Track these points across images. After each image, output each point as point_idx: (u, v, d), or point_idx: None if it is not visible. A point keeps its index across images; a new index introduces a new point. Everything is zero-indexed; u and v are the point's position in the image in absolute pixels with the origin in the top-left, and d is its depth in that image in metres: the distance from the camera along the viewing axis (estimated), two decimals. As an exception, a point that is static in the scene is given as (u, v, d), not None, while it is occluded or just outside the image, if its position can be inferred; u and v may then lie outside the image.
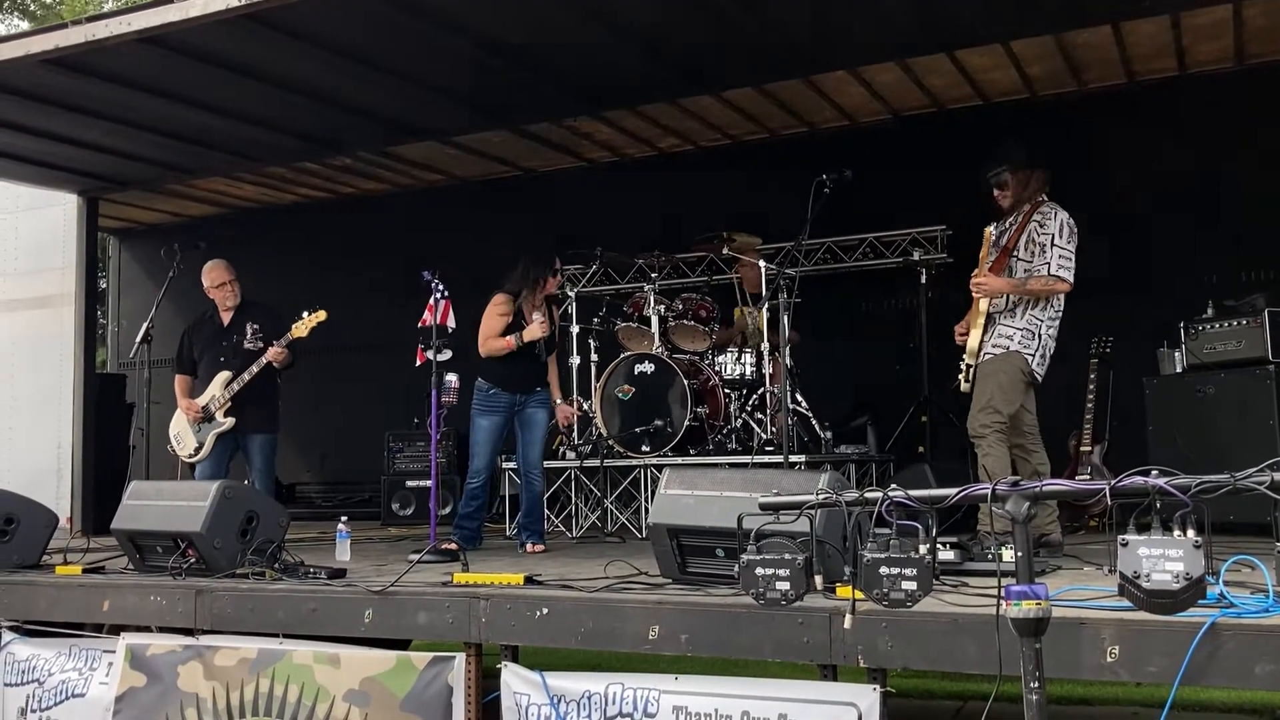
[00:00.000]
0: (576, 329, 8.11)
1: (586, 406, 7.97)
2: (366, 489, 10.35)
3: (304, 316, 6.86)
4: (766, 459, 6.92)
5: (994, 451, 5.20)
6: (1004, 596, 2.48)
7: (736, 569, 3.09)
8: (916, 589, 2.71)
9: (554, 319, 6.83)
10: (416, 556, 5.40)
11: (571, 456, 7.84)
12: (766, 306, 7.25)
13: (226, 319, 7.19)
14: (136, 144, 8.57)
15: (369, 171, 10.23)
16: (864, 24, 6.72)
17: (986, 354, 5.38)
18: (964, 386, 5.44)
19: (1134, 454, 6.51)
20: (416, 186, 10.69)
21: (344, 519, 6.17)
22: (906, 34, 6.89)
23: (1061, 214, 5.34)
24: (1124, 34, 7.33)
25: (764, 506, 3.09)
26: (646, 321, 7.85)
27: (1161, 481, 2.41)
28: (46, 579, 5.51)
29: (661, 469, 5.70)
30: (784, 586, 2.97)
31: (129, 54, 6.56)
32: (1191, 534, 2.41)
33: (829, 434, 7.64)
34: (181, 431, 7.10)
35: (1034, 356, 5.32)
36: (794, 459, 6.74)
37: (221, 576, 5.03)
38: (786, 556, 3.00)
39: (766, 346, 7.43)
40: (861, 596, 2.81)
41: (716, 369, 7.69)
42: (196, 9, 5.86)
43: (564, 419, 7.00)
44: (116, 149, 8.71)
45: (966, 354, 5.47)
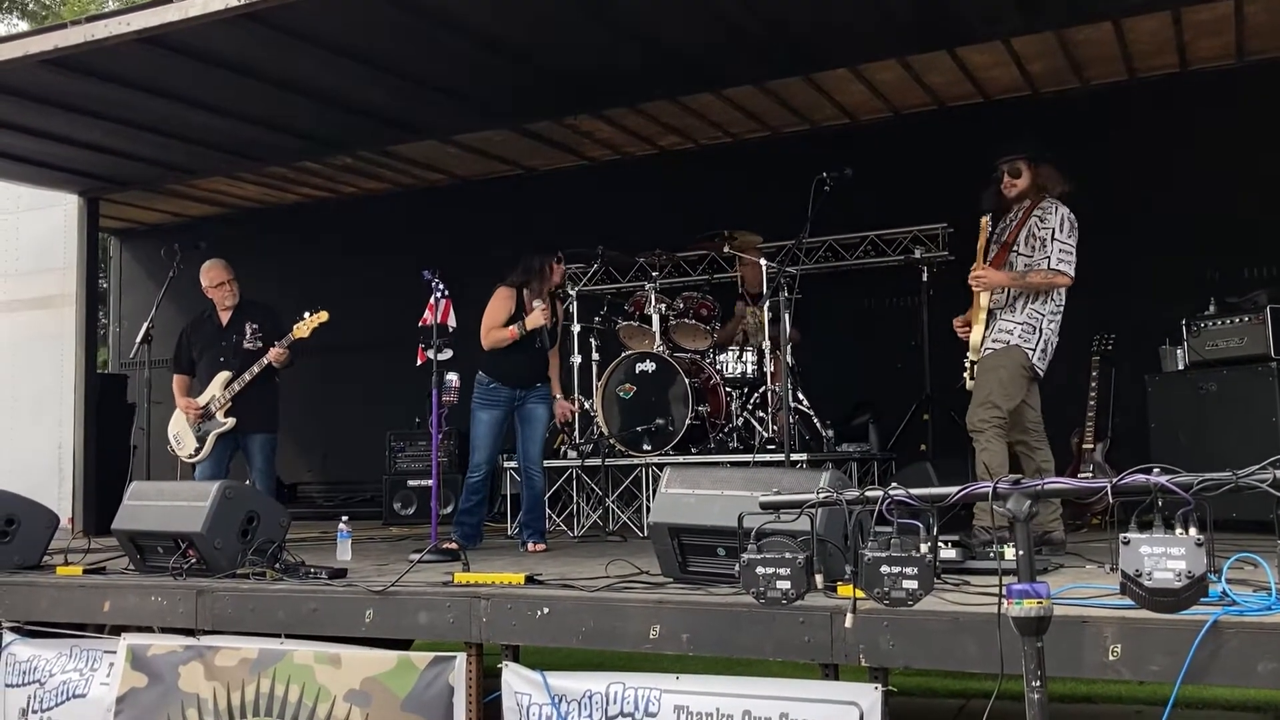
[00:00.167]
0: (578, 328, 8.10)
1: (588, 405, 7.96)
2: (368, 488, 10.35)
3: (305, 317, 6.85)
4: (768, 457, 6.91)
5: (991, 447, 5.17)
6: (1005, 595, 2.48)
7: (737, 568, 3.09)
8: (918, 588, 2.70)
9: (557, 313, 6.82)
10: (417, 556, 5.40)
11: (573, 455, 7.83)
12: (768, 305, 7.24)
13: (225, 319, 7.18)
14: (137, 144, 8.56)
15: (370, 171, 10.23)
16: (865, 21, 6.71)
17: (987, 349, 5.36)
18: (969, 385, 5.43)
19: (1136, 451, 6.51)
20: (417, 186, 10.69)
21: (345, 519, 6.17)
22: (907, 31, 6.88)
23: (1063, 209, 5.33)
24: (1125, 30, 7.33)
25: (764, 505, 3.08)
26: (648, 320, 7.83)
27: (1163, 479, 2.41)
28: (47, 580, 5.50)
29: (663, 468, 5.69)
30: (785, 586, 2.97)
31: (129, 54, 6.56)
32: (1193, 532, 2.41)
33: (830, 432, 7.64)
34: (181, 432, 7.09)
35: (1035, 351, 5.29)
36: (795, 457, 6.74)
37: (222, 577, 5.03)
38: (787, 555, 3.00)
39: (768, 345, 7.42)
40: (863, 595, 2.81)
41: (718, 367, 7.67)
42: (196, 9, 5.86)
43: (562, 415, 6.99)
44: (117, 149, 8.70)
45: (969, 350, 5.45)
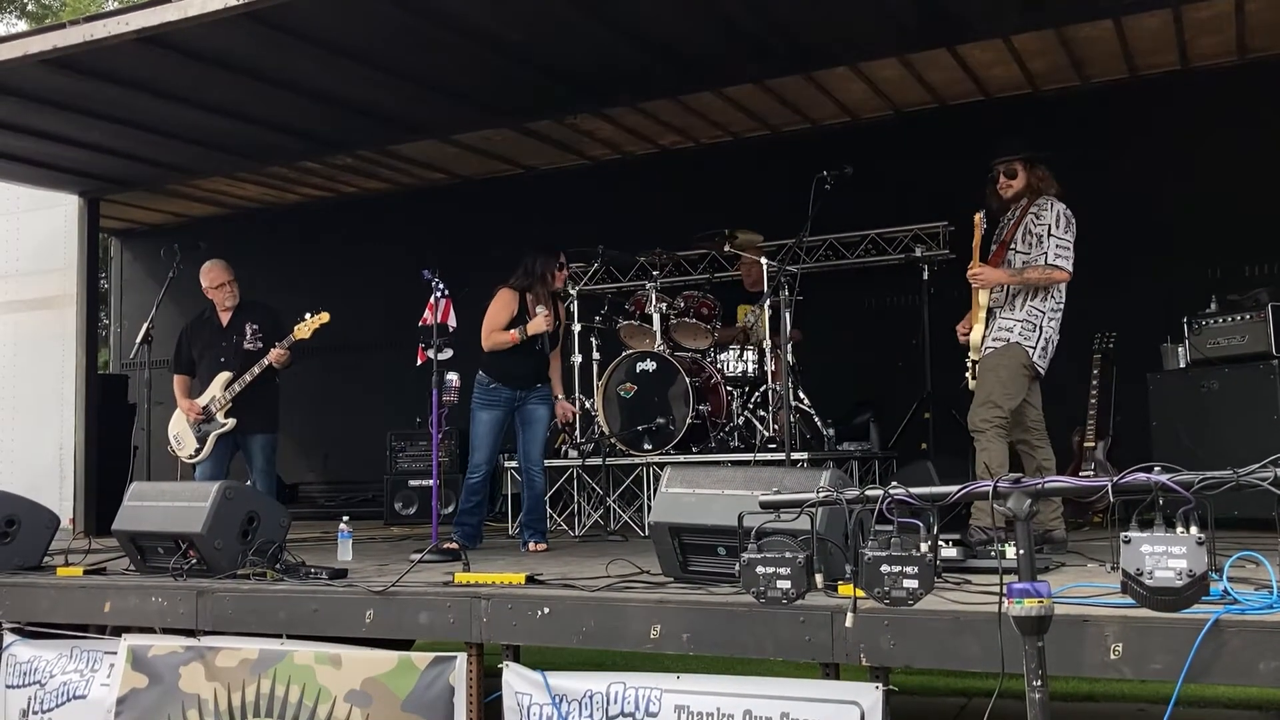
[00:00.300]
0: (578, 327, 8.09)
1: (589, 405, 7.95)
2: (369, 488, 10.34)
3: (306, 318, 6.84)
4: (769, 456, 6.90)
5: (992, 447, 5.15)
6: (1006, 594, 2.47)
7: (738, 568, 3.08)
8: (918, 587, 2.69)
9: (559, 314, 6.82)
10: (418, 556, 5.39)
11: (574, 455, 7.82)
12: (769, 304, 7.23)
13: (225, 319, 7.17)
14: (137, 144, 8.56)
15: (370, 170, 10.23)
16: (865, 19, 6.70)
17: (987, 348, 5.34)
18: (971, 385, 5.41)
19: (1138, 449, 6.50)
20: (418, 185, 10.69)
21: (345, 519, 6.16)
22: (908, 29, 6.87)
23: (1058, 205, 5.30)
24: (1126, 28, 7.33)
25: (765, 505, 3.08)
26: (648, 319, 7.82)
27: (1164, 478, 2.40)
28: (48, 580, 5.49)
29: (663, 467, 5.68)
30: (785, 585, 2.95)
31: (128, 54, 6.55)
32: (1195, 530, 2.40)
33: (831, 431, 7.63)
34: (181, 432, 7.08)
35: (1035, 349, 5.26)
36: (796, 456, 6.71)
37: (223, 577, 5.01)
38: (787, 555, 2.98)
39: (768, 344, 7.41)
40: (863, 595, 2.80)
41: (718, 366, 7.66)
42: (195, 8, 5.85)
43: (563, 417, 6.98)
44: (117, 149, 8.70)
45: (970, 350, 5.44)
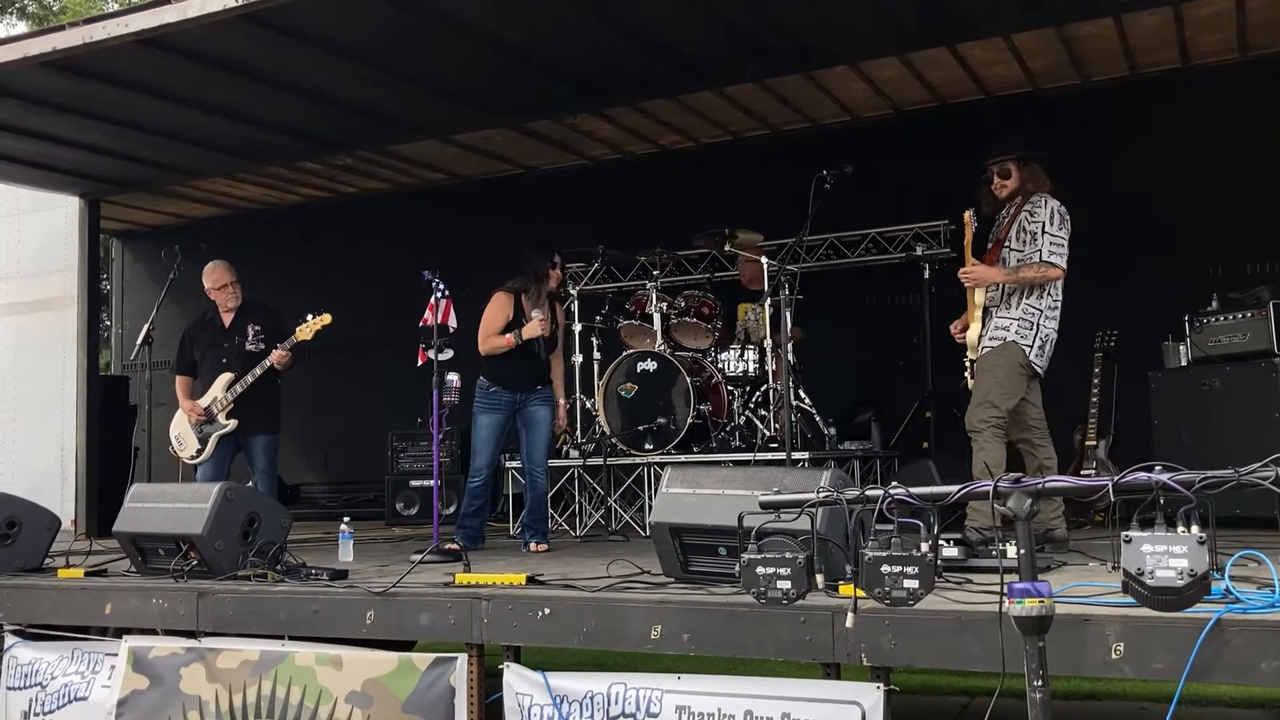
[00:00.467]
0: (579, 327, 8.09)
1: (589, 405, 7.95)
2: (371, 489, 10.35)
3: (308, 319, 6.83)
4: (770, 456, 6.89)
5: (989, 447, 5.12)
6: (1007, 594, 2.46)
7: (738, 568, 3.07)
8: (918, 587, 2.68)
9: (557, 317, 6.79)
10: (418, 557, 5.39)
11: (575, 455, 7.82)
12: (769, 303, 7.22)
13: (228, 320, 7.17)
14: (137, 146, 8.55)
15: (370, 171, 10.22)
16: (865, 18, 6.69)
17: (984, 347, 5.31)
18: (969, 384, 5.40)
19: (1139, 448, 6.50)
20: (418, 185, 10.68)
21: (346, 520, 6.15)
22: (908, 28, 6.86)
23: (1052, 202, 5.27)
24: (1126, 26, 7.32)
25: (764, 505, 3.07)
26: (649, 319, 7.82)
27: (1165, 477, 2.39)
28: (49, 582, 5.49)
29: (664, 467, 5.68)
30: (785, 585, 2.95)
31: (127, 55, 6.55)
32: (1196, 530, 2.39)
33: (833, 430, 7.62)
34: (183, 433, 7.08)
35: (1032, 347, 5.22)
36: (797, 456, 6.70)
37: (223, 578, 5.01)
38: (787, 555, 2.98)
39: (769, 343, 7.40)
40: (864, 595, 2.79)
41: (719, 366, 7.66)
42: (194, 9, 5.85)
43: (559, 421, 6.94)
44: (117, 151, 8.69)
45: (968, 349, 5.43)
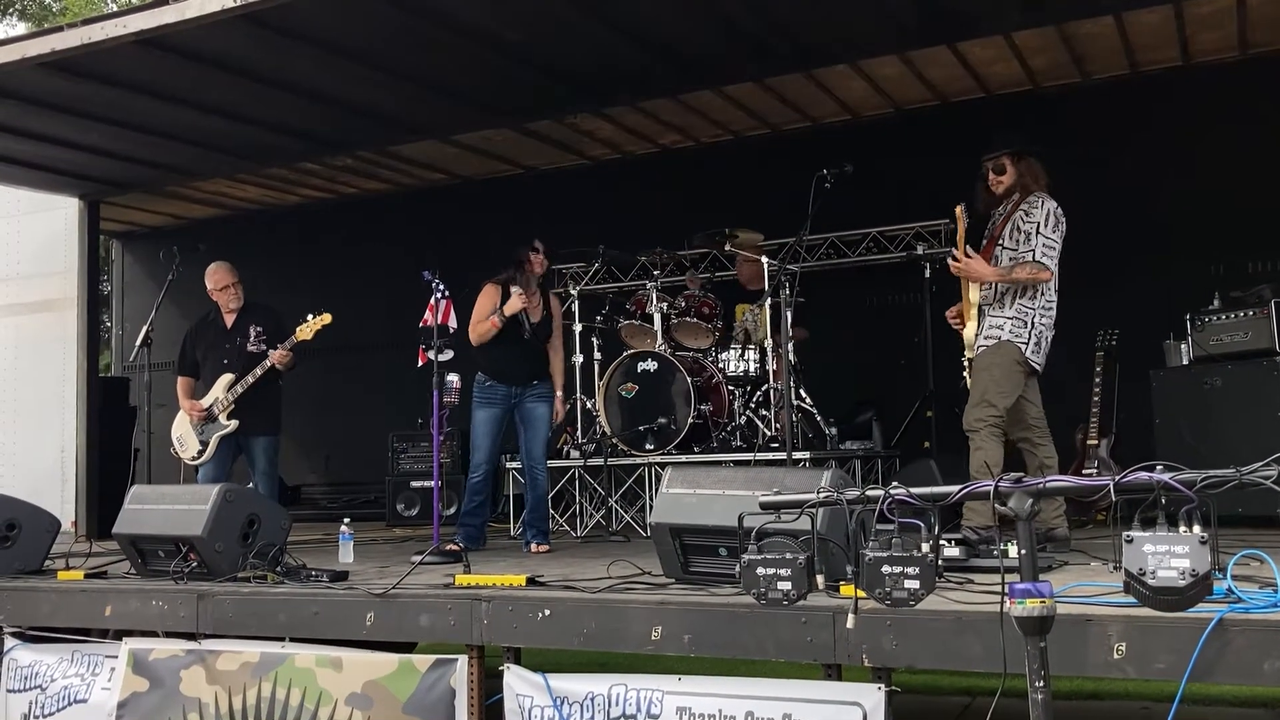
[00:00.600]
0: (579, 327, 8.08)
1: (590, 405, 7.93)
2: (371, 490, 10.34)
3: (309, 319, 6.83)
4: (771, 456, 6.88)
5: (986, 446, 5.11)
6: (1008, 594, 2.45)
7: (738, 569, 3.06)
8: (919, 588, 2.67)
9: (551, 307, 6.76)
10: (418, 558, 5.38)
11: (575, 455, 7.81)
12: (769, 303, 7.21)
13: (230, 321, 7.16)
14: (136, 147, 8.55)
15: (370, 171, 10.22)
16: (865, 17, 6.68)
17: (980, 346, 5.30)
18: (968, 382, 5.39)
19: (1141, 447, 6.49)
20: (418, 186, 10.68)
21: (346, 521, 6.14)
22: (908, 26, 6.85)
23: (1049, 203, 5.25)
24: (1127, 24, 7.30)
25: (764, 505, 3.05)
26: (649, 319, 7.80)
27: (1166, 477, 2.37)
28: (49, 584, 5.48)
29: (665, 467, 5.67)
30: (785, 586, 2.93)
31: (126, 56, 6.55)
32: (1197, 529, 2.37)
33: (834, 430, 7.60)
34: (184, 434, 7.08)
35: (1028, 345, 5.20)
36: (798, 456, 6.69)
37: (223, 580, 5.00)
38: (788, 556, 2.96)
39: (770, 343, 7.39)
40: (864, 595, 2.78)
41: (720, 366, 7.64)
42: (192, 10, 5.85)
43: (559, 413, 6.86)
44: (116, 152, 8.69)
45: (965, 348, 5.42)
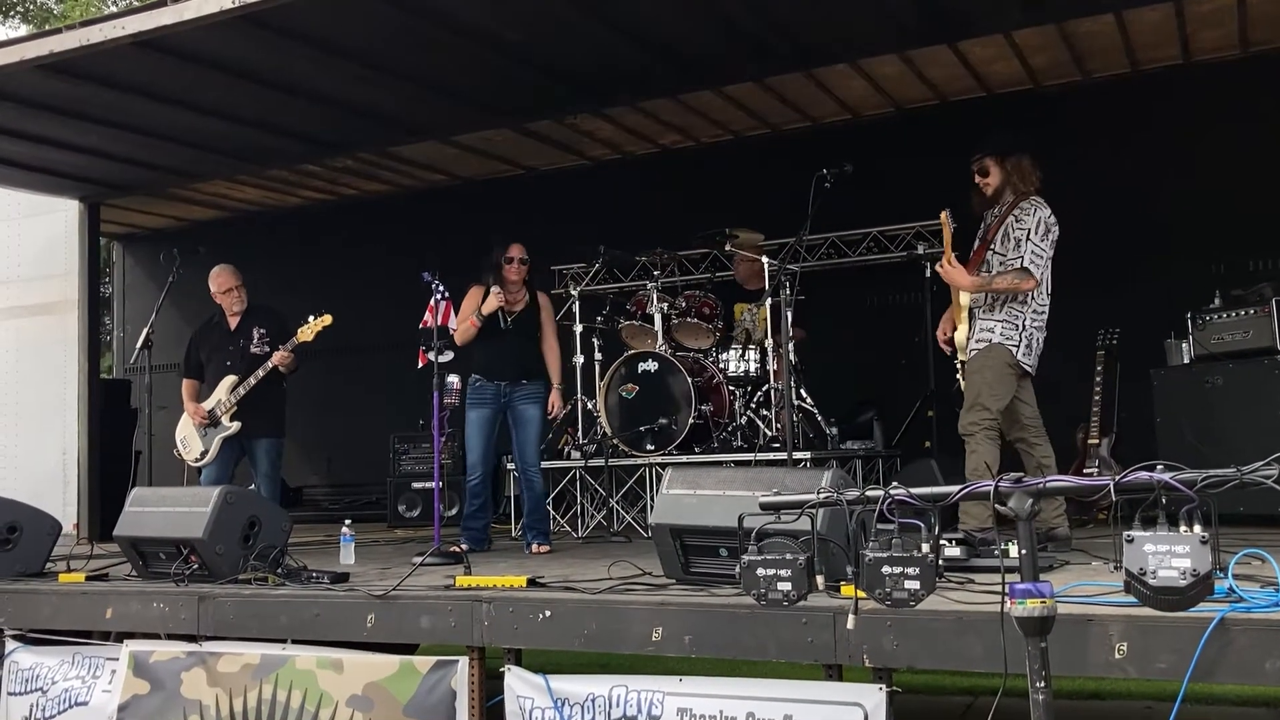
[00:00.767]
0: (580, 328, 8.07)
1: (591, 405, 7.93)
2: (372, 491, 10.35)
3: (309, 320, 6.85)
4: (771, 456, 6.87)
5: (981, 449, 5.12)
6: (1008, 595, 2.44)
7: (738, 570, 3.05)
8: (919, 588, 2.66)
9: (540, 303, 6.75)
10: (419, 559, 5.37)
11: (576, 456, 7.81)
12: (769, 303, 7.20)
13: (233, 323, 7.19)
14: (136, 149, 8.54)
15: (370, 172, 10.21)
16: (865, 16, 6.67)
17: (971, 350, 5.31)
18: (961, 385, 5.40)
19: (1142, 446, 6.48)
20: (418, 187, 10.67)
21: (348, 522, 6.13)
22: (908, 25, 6.84)
23: (1042, 211, 5.23)
24: (1127, 23, 7.28)
25: (764, 506, 3.04)
26: (650, 319, 7.80)
27: (1167, 476, 2.37)
28: (50, 587, 5.48)
29: (665, 468, 5.66)
30: (785, 587, 2.93)
31: (125, 58, 6.55)
32: (1198, 529, 2.36)
33: (834, 430, 7.59)
34: (188, 436, 7.10)
35: (1019, 347, 5.21)
36: (799, 456, 6.68)
37: (224, 582, 5.00)
38: (788, 557, 2.96)
39: (770, 343, 7.38)
40: (864, 596, 2.77)
41: (721, 366, 7.64)
42: (191, 11, 5.84)
43: (551, 406, 6.76)
44: (116, 154, 8.68)
45: (957, 351, 5.43)
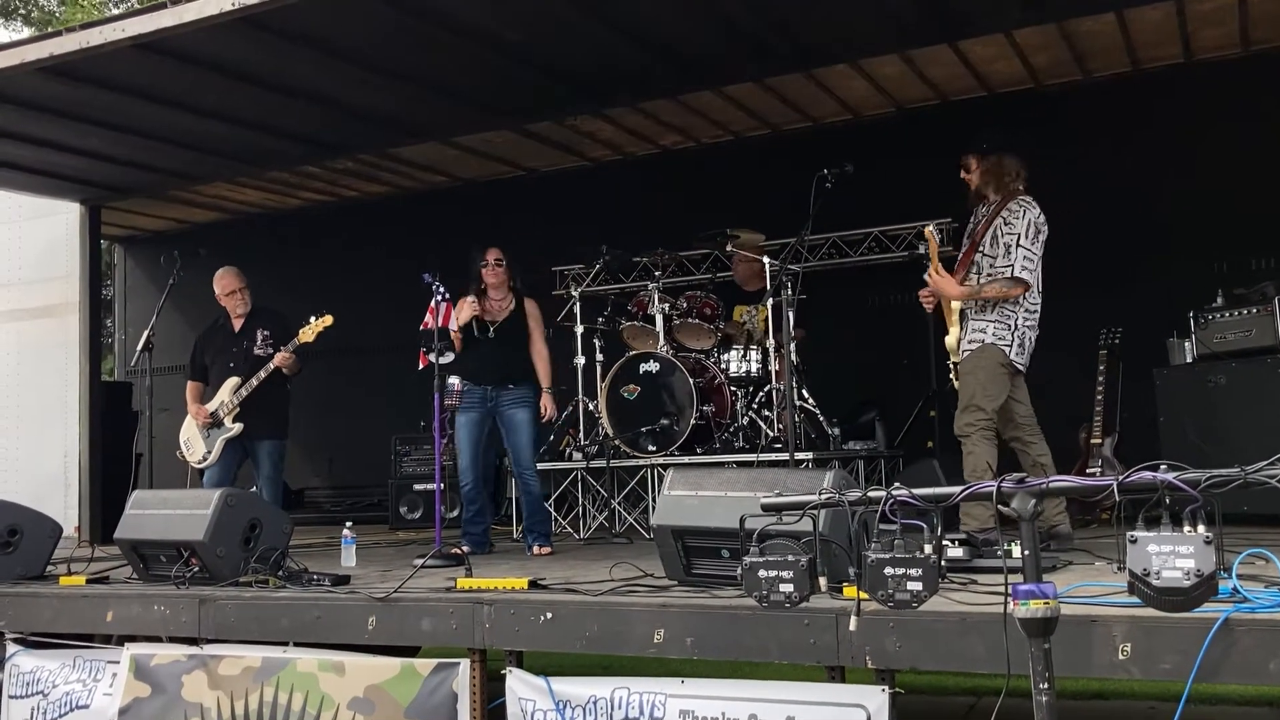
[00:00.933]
0: (581, 329, 8.06)
1: (592, 407, 7.92)
2: (374, 493, 10.35)
3: (310, 321, 6.85)
4: (773, 457, 6.86)
5: (977, 450, 5.11)
6: (1011, 596, 2.43)
7: (740, 571, 3.04)
8: (922, 589, 2.64)
9: (526, 308, 6.73)
10: (420, 562, 5.36)
11: (578, 457, 7.79)
12: (770, 303, 7.19)
13: (238, 325, 7.22)
14: (136, 151, 8.53)
15: (371, 174, 10.21)
16: (865, 16, 6.66)
17: (964, 350, 5.31)
18: (956, 385, 5.40)
19: (1145, 446, 6.47)
20: (419, 189, 10.66)
21: (349, 524, 6.12)
22: (908, 25, 6.83)
23: (1031, 212, 5.20)
24: (1128, 21, 7.27)
25: (766, 508, 3.02)
26: (651, 320, 7.79)
27: (1170, 476, 2.35)
28: (51, 590, 5.48)
29: (667, 469, 5.65)
30: (788, 589, 2.90)
31: (125, 60, 6.54)
32: (1202, 529, 2.35)
33: (836, 430, 7.59)
34: (191, 437, 7.11)
35: (1011, 347, 5.20)
36: (801, 456, 6.67)
37: (225, 585, 4.99)
38: (790, 558, 2.93)
39: (772, 343, 7.37)
40: (867, 597, 2.76)
41: (722, 366, 7.62)
42: (190, 13, 5.83)
43: (543, 410, 6.73)
44: (116, 156, 8.67)
45: (950, 353, 5.43)
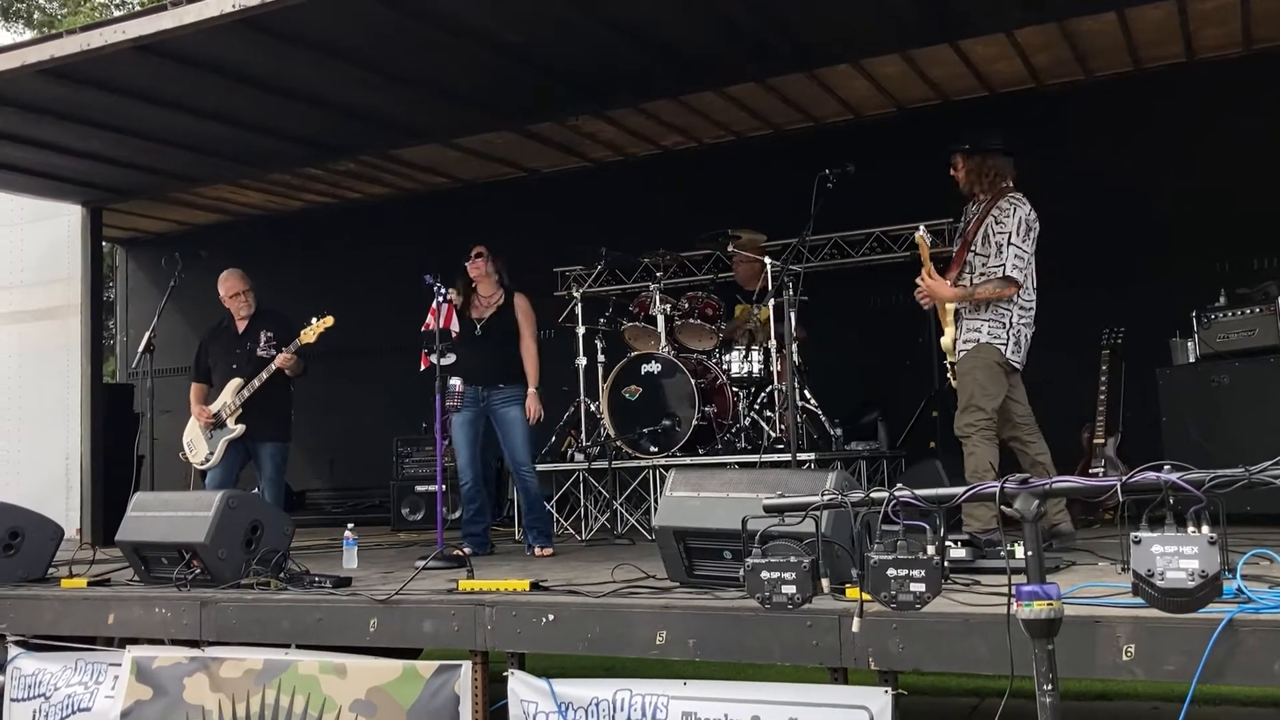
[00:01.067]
0: (582, 330, 8.05)
1: (594, 408, 7.91)
2: (376, 494, 10.34)
3: (312, 322, 6.86)
4: (775, 458, 6.84)
5: (978, 450, 5.11)
6: (1015, 597, 2.42)
7: (742, 572, 3.03)
8: (925, 590, 2.63)
9: (515, 306, 6.73)
10: (422, 563, 5.36)
11: (579, 458, 7.79)
12: (772, 303, 7.18)
13: (241, 327, 7.23)
14: (137, 153, 8.52)
15: (372, 175, 10.20)
16: (866, 15, 6.65)
17: (960, 350, 5.30)
18: (954, 384, 5.39)
19: (1148, 445, 6.45)
20: (420, 190, 10.67)
21: (350, 526, 6.11)
22: (909, 24, 6.82)
23: (1021, 210, 5.20)
24: (1129, 21, 7.26)
25: (768, 509, 3.01)
26: (652, 321, 7.78)
27: (1174, 477, 2.34)
28: (52, 592, 5.47)
29: (669, 470, 5.64)
30: (790, 590, 2.90)
31: (126, 62, 6.53)
32: (1206, 529, 2.34)
33: (839, 431, 7.57)
34: (194, 439, 7.11)
35: (1007, 345, 5.20)
36: (803, 457, 6.66)
37: (226, 587, 4.99)
38: (792, 559, 2.93)
39: (774, 344, 7.36)
40: (869, 598, 2.75)
41: (724, 367, 7.61)
42: (191, 15, 5.83)
43: (529, 412, 6.70)
44: (117, 158, 8.65)
45: (946, 353, 5.42)
